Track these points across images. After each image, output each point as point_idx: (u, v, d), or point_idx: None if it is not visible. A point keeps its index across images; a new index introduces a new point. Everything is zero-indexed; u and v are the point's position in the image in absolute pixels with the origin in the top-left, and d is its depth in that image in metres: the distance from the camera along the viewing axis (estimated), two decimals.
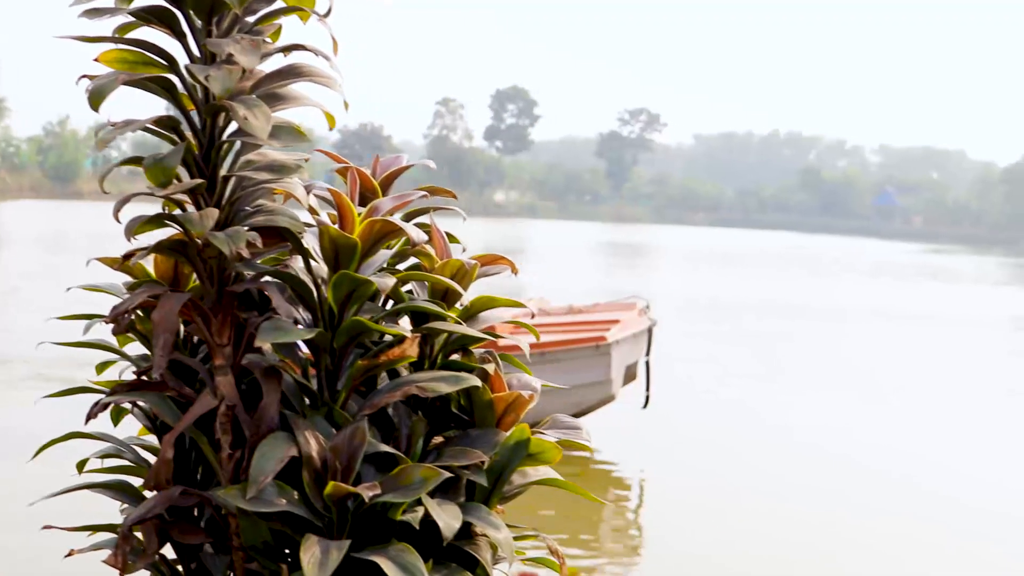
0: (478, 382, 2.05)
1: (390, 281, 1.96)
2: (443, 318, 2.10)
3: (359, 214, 2.03)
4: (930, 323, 26.05)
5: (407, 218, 2.32)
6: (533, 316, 2.24)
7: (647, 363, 11.46)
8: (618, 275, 36.61)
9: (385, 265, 2.14)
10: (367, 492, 1.88)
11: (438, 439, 2.14)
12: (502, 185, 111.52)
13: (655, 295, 24.47)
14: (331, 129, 2.02)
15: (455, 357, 2.19)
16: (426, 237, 2.06)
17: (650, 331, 11.60)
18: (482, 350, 2.21)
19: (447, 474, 1.93)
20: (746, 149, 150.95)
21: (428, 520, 1.97)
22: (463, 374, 2.06)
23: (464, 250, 2.30)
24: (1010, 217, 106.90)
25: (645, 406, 11.41)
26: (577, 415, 11.03)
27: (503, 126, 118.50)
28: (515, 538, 2.17)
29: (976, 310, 30.22)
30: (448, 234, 2.28)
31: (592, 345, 10.68)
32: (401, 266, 2.22)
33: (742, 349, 18.87)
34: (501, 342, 2.27)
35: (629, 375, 11.43)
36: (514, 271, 2.26)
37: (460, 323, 2.12)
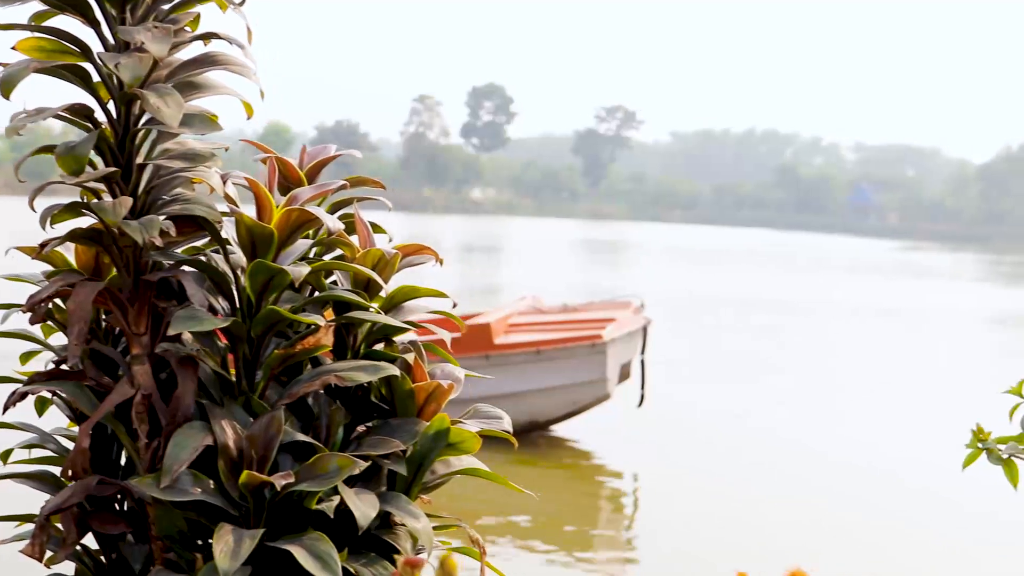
0: (396, 371, 2.05)
1: (303, 270, 1.95)
2: (364, 307, 2.10)
3: (277, 204, 2.03)
4: (908, 319, 26.18)
5: (334, 208, 2.32)
6: (455, 305, 2.24)
7: (642, 362, 11.48)
8: (596, 272, 36.65)
9: (313, 255, 2.15)
10: (280, 481, 1.88)
11: (361, 429, 2.14)
12: (479, 182, 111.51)
13: (633, 292, 24.48)
14: (248, 118, 2.02)
15: (379, 347, 2.19)
16: (342, 226, 2.06)
17: (645, 330, 11.61)
18: (406, 340, 2.21)
19: (362, 463, 1.93)
20: (723, 146, 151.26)
21: (348, 509, 1.97)
22: (382, 363, 2.06)
23: (390, 240, 2.30)
24: (985, 214, 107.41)
25: (640, 405, 11.43)
26: (573, 414, 11.06)
27: (480, 123, 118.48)
28: (437, 528, 2.17)
29: (955, 306, 30.38)
30: (373, 224, 2.28)
31: (588, 344, 10.68)
32: (331, 257, 2.22)
33: (726, 345, 18.92)
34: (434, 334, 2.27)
35: (623, 374, 11.44)
36: (438, 261, 2.26)
37: (380, 312, 2.12)
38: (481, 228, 72.57)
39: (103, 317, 2.11)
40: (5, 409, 2.06)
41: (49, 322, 2.15)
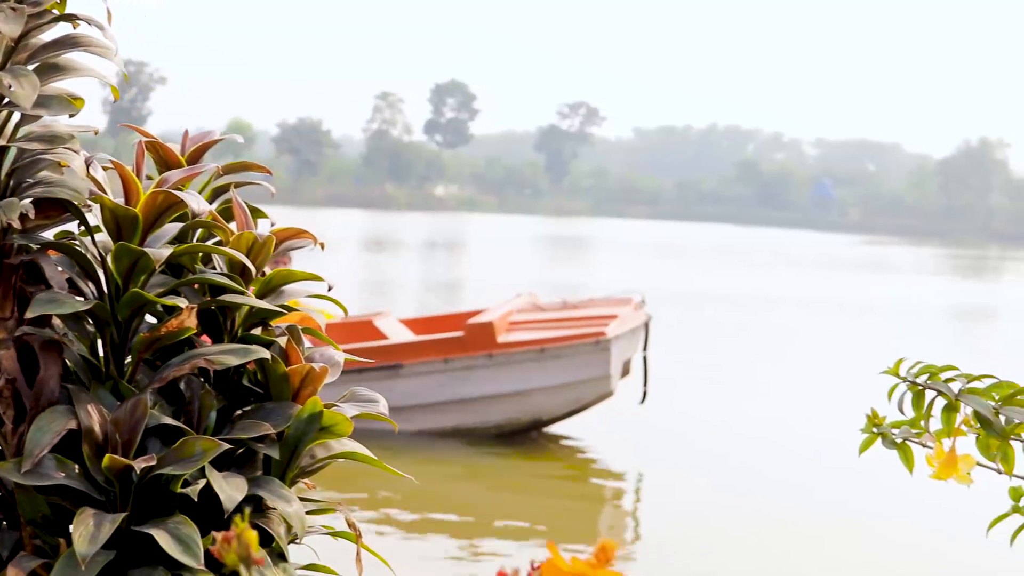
0: (267, 354, 2.04)
1: (164, 252, 1.94)
2: (237, 291, 2.09)
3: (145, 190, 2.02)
4: (867, 313, 26.33)
5: (216, 193, 2.31)
6: (331, 288, 2.24)
7: (644, 358, 11.49)
8: (561, 269, 36.68)
9: (196, 239, 2.13)
10: (141, 464, 1.87)
11: (239, 414, 2.13)
12: (442, 179, 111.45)
13: (599, 288, 24.53)
14: (115, 101, 2.00)
15: (256, 332, 2.18)
16: (208, 208, 2.04)
17: (647, 326, 11.61)
18: (283, 324, 2.21)
19: (226, 446, 1.92)
20: (685, 142, 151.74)
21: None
22: (252, 347, 2.05)
23: (273, 224, 2.28)
24: (944, 209, 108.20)
25: (643, 401, 11.44)
26: (576, 411, 11.06)
27: (443, 120, 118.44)
28: (315, 512, 2.17)
29: (913, 299, 30.59)
30: (255, 209, 2.27)
31: (592, 341, 10.68)
32: (215, 242, 2.21)
33: (707, 342, 18.96)
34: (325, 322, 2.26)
35: (624, 370, 11.45)
36: (318, 244, 2.25)
37: (251, 296, 2.11)
38: (444, 225, 72.51)
39: None
40: None
41: None
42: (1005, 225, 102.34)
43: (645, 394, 11.41)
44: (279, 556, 2.05)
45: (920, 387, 2.22)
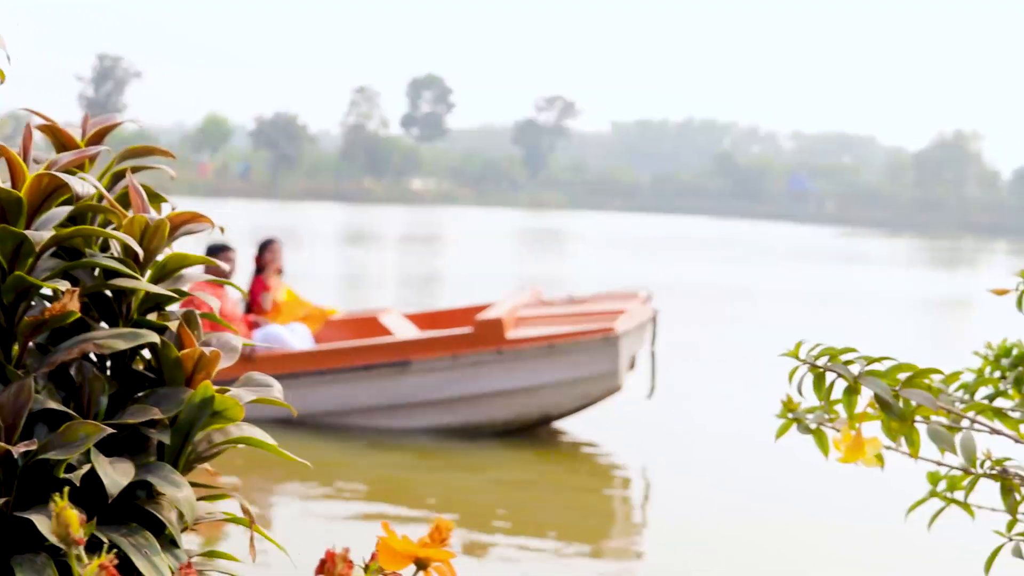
0: (156, 338, 2.02)
1: (45, 235, 1.92)
2: (128, 275, 2.07)
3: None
4: (842, 304, 26.41)
5: (116, 178, 2.29)
6: (229, 272, 2.22)
7: (652, 353, 11.47)
8: (539, 262, 36.68)
9: (98, 224, 2.11)
10: (21, 448, 1.85)
11: (132, 399, 2.11)
12: (419, 173, 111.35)
13: (578, 281, 24.54)
14: (0, 82, 1.98)
15: (151, 317, 2.16)
16: (92, 191, 2.02)
17: (654, 320, 11.58)
18: (182, 309, 2.19)
19: (110, 430, 1.90)
20: (662, 136, 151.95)
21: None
22: (142, 331, 2.03)
23: (173, 208, 2.26)
24: (920, 201, 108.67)
25: (650, 396, 11.43)
26: (585, 407, 11.04)
27: (419, 114, 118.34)
28: (207, 498, 2.15)
29: (888, 290, 30.70)
30: (152, 193, 2.25)
31: (601, 337, 10.65)
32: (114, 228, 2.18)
33: (694, 334, 18.96)
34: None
35: (631, 364, 11.44)
36: (215, 227, 2.23)
37: (144, 281, 2.09)
38: (422, 218, 72.47)
39: None
40: None
41: None
42: (980, 217, 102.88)
43: (653, 388, 11.41)
44: (171, 543, 2.03)
45: (820, 369, 2.21)
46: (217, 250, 10.44)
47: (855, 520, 8.54)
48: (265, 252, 11.32)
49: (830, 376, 2.21)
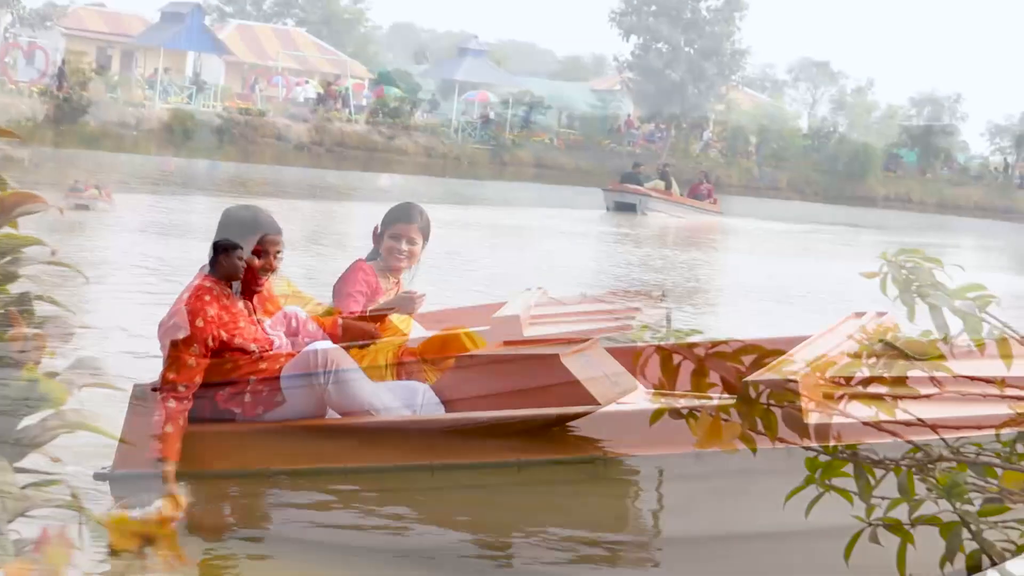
0: None
1: None
2: None
3: None
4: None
5: None
6: (54, 253, 2.17)
7: None
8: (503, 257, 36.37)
9: None
10: None
11: None
12: (388, 168, 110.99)
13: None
14: None
15: None
16: None
17: (668, 318, 11.45)
18: (17, 291, 2.14)
19: None
20: None
21: None
22: None
23: (7, 189, 2.21)
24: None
25: None
26: (600, 404, 10.86)
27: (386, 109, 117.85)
28: (39, 484, 2.10)
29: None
30: None
31: (617, 335, 10.54)
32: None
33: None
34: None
35: None
36: (53, 208, 2.18)
37: None
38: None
39: None
40: None
41: None
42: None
43: None
44: None
45: (667, 351, 2.18)
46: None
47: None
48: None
49: (676, 358, 2.18)
